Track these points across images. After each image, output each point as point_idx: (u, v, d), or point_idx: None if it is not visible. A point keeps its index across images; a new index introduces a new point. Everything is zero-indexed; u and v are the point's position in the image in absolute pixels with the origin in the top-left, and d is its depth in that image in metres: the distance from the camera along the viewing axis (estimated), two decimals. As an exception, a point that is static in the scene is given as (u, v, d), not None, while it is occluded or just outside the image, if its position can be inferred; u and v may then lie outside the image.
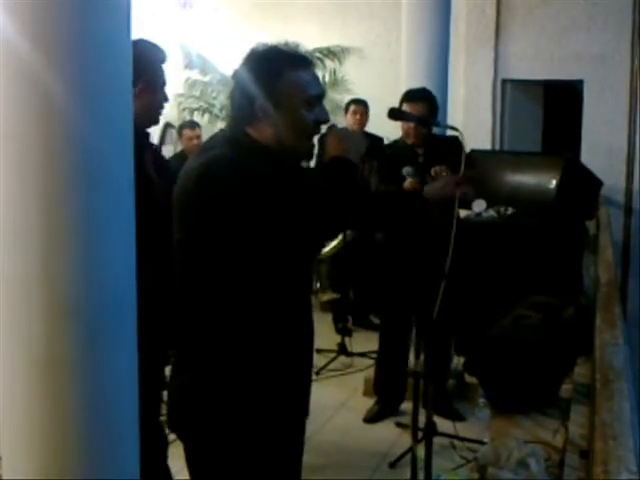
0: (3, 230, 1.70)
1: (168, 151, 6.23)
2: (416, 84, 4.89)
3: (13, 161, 1.66)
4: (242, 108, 1.94)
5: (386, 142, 5.12)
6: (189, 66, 7.94)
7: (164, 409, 2.00)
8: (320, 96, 2.02)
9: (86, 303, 1.69)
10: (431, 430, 3.34)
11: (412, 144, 4.61)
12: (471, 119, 6.87)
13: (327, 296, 6.75)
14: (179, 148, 6.49)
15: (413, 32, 5.00)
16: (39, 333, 1.67)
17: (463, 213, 5.28)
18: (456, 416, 4.74)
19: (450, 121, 4.84)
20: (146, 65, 2.45)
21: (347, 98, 6.64)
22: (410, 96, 4.57)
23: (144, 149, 2.77)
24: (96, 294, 1.70)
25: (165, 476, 2.90)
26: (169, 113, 5.14)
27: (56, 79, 1.60)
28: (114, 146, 1.70)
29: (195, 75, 8.08)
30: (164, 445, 2.83)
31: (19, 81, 1.62)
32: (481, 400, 4.81)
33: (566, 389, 4.87)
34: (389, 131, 4.92)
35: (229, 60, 7.50)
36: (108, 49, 1.67)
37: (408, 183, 4.39)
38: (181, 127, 6.44)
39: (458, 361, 5.17)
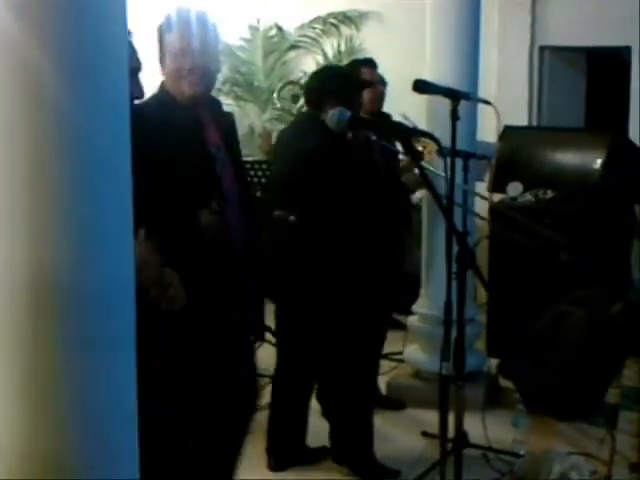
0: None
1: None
2: (443, 53, 4.88)
3: (-1, 148, 1.68)
4: None
5: (404, 121, 5.01)
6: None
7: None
8: None
9: (78, 302, 1.70)
10: (461, 441, 3.35)
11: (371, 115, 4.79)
12: (505, 91, 6.83)
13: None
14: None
15: (440, -5, 4.97)
16: (25, 335, 1.69)
17: (497, 197, 5.28)
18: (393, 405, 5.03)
19: (482, 94, 4.79)
20: None
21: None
22: (368, 61, 5.08)
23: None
24: (90, 292, 1.71)
25: None
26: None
27: (46, 59, 1.62)
28: (109, 132, 1.71)
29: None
30: None
31: (6, 62, 1.64)
32: (518, 407, 4.83)
33: (613, 394, 4.89)
34: (411, 106, 4.89)
35: (232, 29, 7.51)
36: (103, 26, 1.68)
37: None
38: None
39: (491, 363, 5.18)
